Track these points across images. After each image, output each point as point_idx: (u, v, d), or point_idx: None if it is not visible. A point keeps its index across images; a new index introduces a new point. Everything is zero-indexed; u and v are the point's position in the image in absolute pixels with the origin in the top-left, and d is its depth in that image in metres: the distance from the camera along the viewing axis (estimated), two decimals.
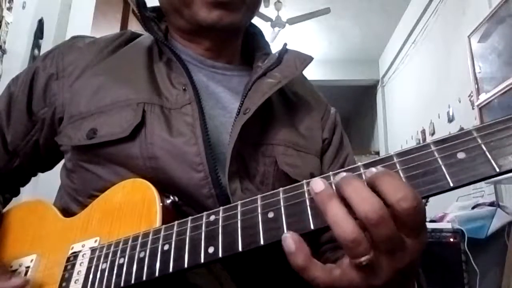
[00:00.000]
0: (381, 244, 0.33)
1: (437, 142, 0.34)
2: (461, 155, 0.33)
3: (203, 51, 0.67)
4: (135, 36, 0.70)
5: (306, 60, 0.65)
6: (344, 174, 0.36)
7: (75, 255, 0.51)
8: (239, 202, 0.41)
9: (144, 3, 0.66)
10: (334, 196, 0.34)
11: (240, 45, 0.72)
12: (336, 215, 0.33)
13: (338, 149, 0.69)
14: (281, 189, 0.39)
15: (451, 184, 0.33)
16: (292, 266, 0.35)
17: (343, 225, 0.33)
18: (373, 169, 0.35)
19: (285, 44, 0.68)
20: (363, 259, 0.33)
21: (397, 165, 0.35)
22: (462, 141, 0.33)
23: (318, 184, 0.35)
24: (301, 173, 0.59)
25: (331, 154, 0.68)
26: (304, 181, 0.38)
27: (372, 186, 0.34)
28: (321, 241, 0.62)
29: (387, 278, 0.34)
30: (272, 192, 0.39)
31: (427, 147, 0.35)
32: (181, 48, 0.67)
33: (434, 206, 2.48)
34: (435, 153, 0.34)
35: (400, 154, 0.36)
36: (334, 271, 0.36)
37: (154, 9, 0.70)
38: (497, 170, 0.31)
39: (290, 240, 0.35)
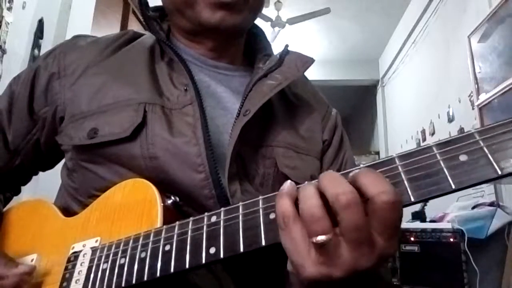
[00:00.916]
0: (347, 231, 0.33)
1: (439, 145, 0.35)
2: (463, 158, 0.33)
3: (206, 51, 0.67)
4: (137, 35, 0.70)
5: (308, 62, 0.65)
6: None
7: (76, 255, 0.51)
8: (240, 203, 0.41)
9: (147, 3, 0.66)
10: (311, 184, 0.36)
11: (243, 46, 0.72)
12: (305, 191, 0.35)
13: (338, 151, 0.69)
14: None
15: (453, 187, 0.33)
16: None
17: (306, 199, 0.34)
18: (358, 169, 0.35)
19: (287, 46, 0.68)
20: (319, 238, 0.32)
21: (399, 168, 0.35)
22: (464, 144, 0.34)
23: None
24: (301, 175, 0.59)
25: (331, 155, 0.68)
26: (306, 182, 0.38)
27: (353, 181, 0.34)
28: None
29: (347, 273, 0.33)
30: (274, 193, 0.39)
31: (430, 149, 0.35)
32: (183, 48, 0.67)
33: (434, 206, 2.49)
34: (438, 156, 0.34)
35: (402, 157, 0.36)
36: (300, 235, 0.35)
37: (156, 8, 0.70)
38: (499, 172, 0.32)
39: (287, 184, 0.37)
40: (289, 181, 0.37)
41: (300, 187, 0.36)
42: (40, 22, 1.93)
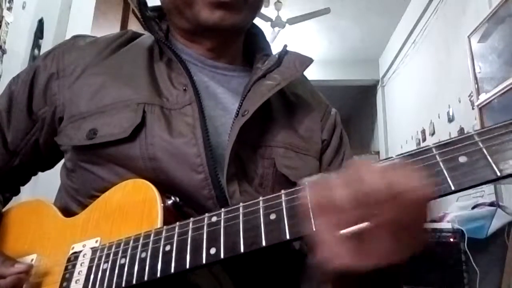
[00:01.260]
0: (382, 223, 0.32)
1: (439, 146, 0.35)
2: (462, 159, 0.33)
3: (205, 51, 0.67)
4: (136, 36, 0.70)
5: (306, 62, 0.65)
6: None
7: (76, 255, 0.51)
8: (241, 204, 0.41)
9: (145, 3, 0.66)
10: (346, 172, 0.34)
11: (242, 46, 0.72)
12: (341, 180, 0.34)
13: (337, 150, 0.69)
14: (283, 191, 0.39)
15: (453, 188, 0.33)
16: None
17: (344, 188, 0.33)
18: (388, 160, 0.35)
19: (285, 46, 0.68)
20: (355, 227, 0.32)
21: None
22: (464, 145, 0.34)
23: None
24: (300, 175, 0.59)
25: (330, 155, 0.68)
26: (306, 183, 0.38)
27: (384, 173, 0.34)
28: None
29: (379, 263, 0.33)
30: (274, 194, 0.39)
31: (429, 150, 0.35)
32: (182, 48, 0.67)
33: (434, 206, 2.48)
34: (437, 157, 0.34)
35: (403, 158, 0.36)
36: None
37: (155, 8, 0.70)
38: (498, 174, 0.32)
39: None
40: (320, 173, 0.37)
41: (332, 176, 0.35)
42: (40, 22, 1.93)
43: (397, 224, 0.33)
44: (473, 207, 2.42)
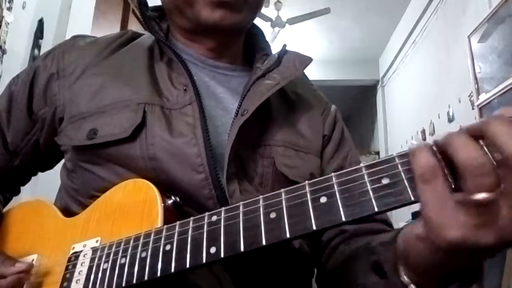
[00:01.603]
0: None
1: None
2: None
3: (205, 51, 0.67)
4: (136, 36, 0.70)
5: (306, 61, 0.65)
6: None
7: (76, 255, 0.51)
8: (241, 203, 0.41)
9: (146, 2, 0.66)
10: (464, 132, 0.32)
11: (242, 46, 0.72)
12: (460, 140, 0.31)
13: (339, 145, 0.69)
14: (283, 190, 0.39)
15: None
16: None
17: (470, 149, 0.30)
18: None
19: (285, 45, 0.68)
20: (481, 195, 0.29)
21: (400, 167, 0.35)
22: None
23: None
24: (299, 174, 0.59)
25: (331, 149, 0.68)
26: (306, 182, 0.38)
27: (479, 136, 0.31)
28: (323, 242, 0.62)
29: (500, 239, 0.29)
30: (274, 192, 0.39)
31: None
32: (182, 48, 0.67)
33: None
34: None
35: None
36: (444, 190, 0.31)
37: (155, 8, 0.70)
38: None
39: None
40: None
41: (447, 137, 0.32)
42: (40, 22, 1.93)
43: None
44: None
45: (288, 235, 0.36)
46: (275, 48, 0.70)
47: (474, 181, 0.29)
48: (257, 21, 0.70)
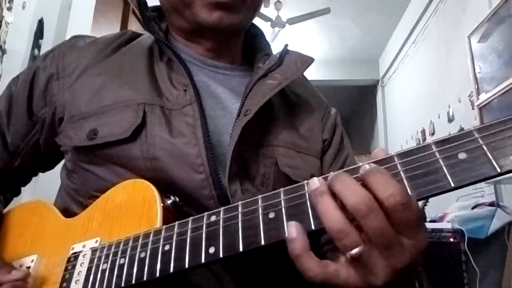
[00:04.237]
0: (374, 238, 0.33)
1: (438, 143, 0.35)
2: (462, 156, 0.33)
3: (204, 51, 0.67)
4: (135, 36, 0.70)
5: (307, 61, 0.65)
6: (339, 171, 0.36)
7: (75, 255, 0.51)
8: (240, 203, 0.41)
9: (145, 3, 0.66)
10: (326, 192, 0.35)
11: (241, 46, 0.72)
12: (325, 207, 0.34)
13: (338, 150, 0.69)
14: (282, 189, 0.39)
15: (452, 185, 0.33)
16: (289, 253, 0.36)
17: (330, 216, 0.34)
18: (366, 166, 0.35)
19: (286, 45, 0.68)
20: (353, 251, 0.33)
21: (398, 166, 0.35)
22: (463, 142, 0.34)
23: (313, 182, 0.36)
24: (301, 175, 0.59)
25: (331, 154, 0.68)
26: (305, 181, 0.38)
27: (364, 182, 0.34)
28: (321, 243, 0.62)
29: (385, 277, 0.34)
30: (273, 192, 0.39)
31: (429, 147, 0.35)
32: (181, 48, 0.67)
33: (434, 206, 2.48)
34: (437, 154, 0.34)
35: (401, 155, 0.36)
36: (329, 266, 0.36)
37: (155, 8, 0.70)
38: (498, 170, 0.32)
39: (293, 228, 0.36)
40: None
41: (314, 202, 0.36)
42: (40, 22, 1.93)
43: (386, 234, 0.33)
44: (473, 207, 2.42)
45: (287, 235, 0.36)
46: (275, 48, 0.70)
47: (339, 244, 0.34)
48: (257, 21, 0.70)
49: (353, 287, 0.35)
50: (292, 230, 0.36)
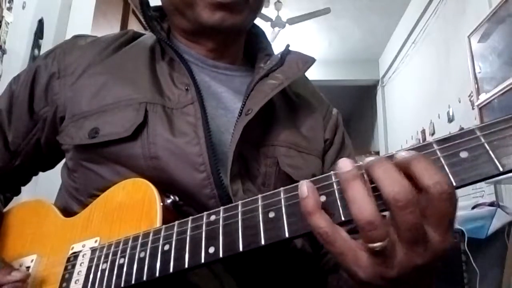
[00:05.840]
0: (403, 232, 0.32)
1: (439, 141, 0.34)
2: (463, 154, 0.33)
3: (206, 51, 0.67)
4: (137, 35, 0.70)
5: (309, 61, 0.65)
6: (371, 158, 0.34)
7: (75, 255, 0.51)
8: (239, 202, 0.40)
9: (147, 2, 0.66)
10: (359, 177, 0.33)
11: (243, 46, 0.72)
12: (357, 193, 0.32)
13: (340, 150, 0.69)
14: (282, 189, 0.39)
15: (454, 184, 0.32)
16: (302, 211, 0.35)
17: (361, 204, 0.32)
18: (403, 153, 0.33)
19: (288, 45, 0.68)
20: (376, 244, 0.31)
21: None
22: (465, 140, 0.33)
23: (345, 164, 0.34)
24: (303, 175, 0.59)
25: (333, 154, 0.68)
26: (305, 180, 0.38)
27: (405, 169, 0.33)
28: (322, 253, 0.62)
29: (401, 272, 0.33)
30: (273, 191, 0.39)
31: (430, 146, 0.34)
32: (183, 48, 0.67)
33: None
34: (438, 152, 0.34)
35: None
36: (341, 233, 0.34)
37: (156, 8, 0.70)
38: (501, 169, 0.31)
39: (304, 186, 0.35)
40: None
41: (345, 186, 0.33)
42: (40, 22, 1.93)
43: (416, 229, 0.31)
44: (473, 207, 2.42)
45: (287, 235, 0.36)
46: (275, 48, 0.69)
47: (364, 235, 0.32)
48: (257, 21, 0.70)
49: (361, 275, 0.34)
50: (303, 188, 0.35)
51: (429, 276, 0.36)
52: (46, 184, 1.03)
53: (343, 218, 0.35)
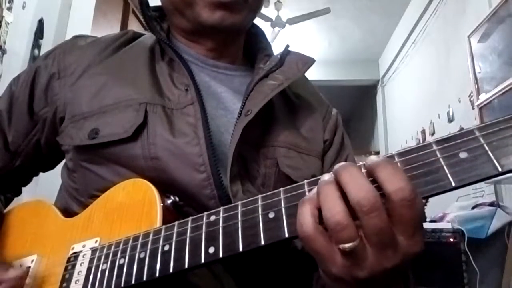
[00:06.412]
0: (370, 235, 0.33)
1: (439, 142, 0.34)
2: (463, 155, 0.33)
3: (205, 51, 0.67)
4: (137, 36, 0.70)
5: (308, 62, 0.65)
6: (343, 163, 0.35)
7: (75, 255, 0.51)
8: (239, 202, 0.40)
9: (147, 2, 0.66)
10: (332, 182, 0.34)
11: (242, 45, 0.72)
12: (327, 196, 0.34)
13: (339, 150, 0.69)
14: (281, 189, 0.39)
15: (453, 184, 0.32)
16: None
17: (330, 205, 0.33)
18: (374, 157, 0.34)
19: (287, 46, 0.68)
20: (347, 245, 0.32)
21: (398, 165, 0.35)
22: (464, 141, 0.33)
23: (324, 175, 0.35)
24: (302, 175, 0.59)
25: (332, 155, 0.68)
26: (305, 181, 0.38)
27: (371, 174, 0.34)
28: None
29: (371, 273, 0.34)
30: (272, 192, 0.39)
31: (429, 146, 0.34)
32: (183, 48, 0.67)
33: (434, 206, 2.48)
34: (437, 153, 0.34)
35: (402, 154, 0.35)
36: (323, 233, 0.35)
37: (156, 8, 0.70)
38: (500, 169, 0.31)
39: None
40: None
41: (319, 189, 0.35)
42: (40, 22, 1.93)
43: (383, 233, 0.32)
44: (473, 207, 2.42)
45: (286, 235, 0.36)
46: (275, 48, 0.69)
47: (334, 235, 0.33)
48: (257, 21, 0.70)
49: (334, 273, 0.35)
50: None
51: (399, 278, 0.37)
52: (47, 185, 1.03)
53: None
